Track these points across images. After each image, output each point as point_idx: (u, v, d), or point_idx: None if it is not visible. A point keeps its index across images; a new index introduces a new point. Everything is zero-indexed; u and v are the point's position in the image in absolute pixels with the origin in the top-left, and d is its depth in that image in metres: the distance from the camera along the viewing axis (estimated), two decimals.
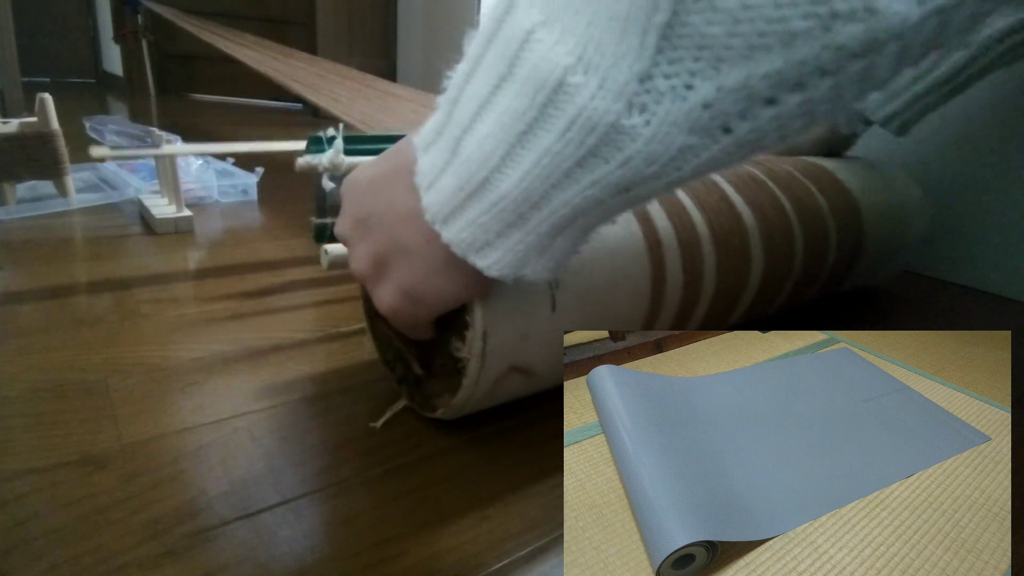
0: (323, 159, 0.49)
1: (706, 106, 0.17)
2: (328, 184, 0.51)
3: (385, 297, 0.28)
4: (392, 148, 0.27)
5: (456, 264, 0.24)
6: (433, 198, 0.23)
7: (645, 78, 0.17)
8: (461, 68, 0.22)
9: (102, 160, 0.67)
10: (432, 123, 0.24)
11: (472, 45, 0.22)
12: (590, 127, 0.18)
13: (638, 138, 0.18)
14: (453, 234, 0.23)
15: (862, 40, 0.15)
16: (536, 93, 0.19)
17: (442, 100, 0.23)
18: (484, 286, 0.27)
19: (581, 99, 0.18)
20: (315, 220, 0.51)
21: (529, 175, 0.20)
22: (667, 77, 0.17)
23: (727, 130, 0.18)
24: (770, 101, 0.17)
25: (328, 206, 0.52)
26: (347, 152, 0.49)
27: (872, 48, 0.15)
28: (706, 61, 0.16)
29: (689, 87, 0.17)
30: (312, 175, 0.51)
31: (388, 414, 0.35)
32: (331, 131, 0.51)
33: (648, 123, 0.17)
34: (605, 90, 0.17)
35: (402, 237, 0.25)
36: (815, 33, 0.15)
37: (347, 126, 0.64)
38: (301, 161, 0.50)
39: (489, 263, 0.23)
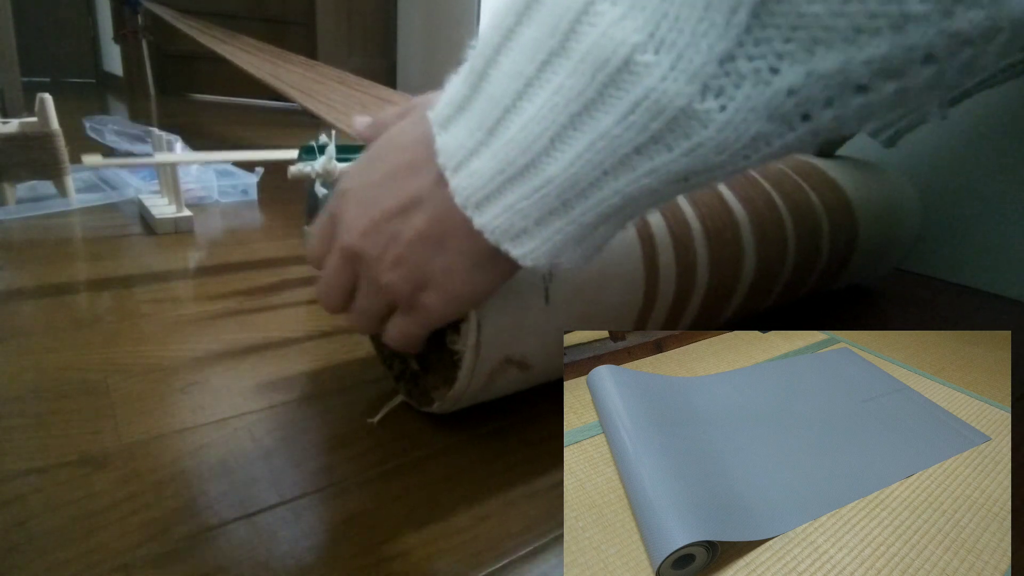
0: (315, 165, 0.49)
1: (791, 92, 0.15)
2: (321, 190, 0.51)
3: (429, 302, 0.25)
4: (385, 139, 0.25)
5: (495, 255, 0.23)
6: (464, 181, 0.21)
7: (726, 59, 0.15)
8: (488, 38, 0.20)
9: (97, 166, 0.67)
10: (451, 97, 0.22)
11: (500, 13, 0.20)
12: (657, 111, 0.17)
13: (710, 124, 0.16)
14: (487, 220, 0.21)
15: (981, 27, 0.14)
16: (596, 72, 0.17)
17: (463, 71, 0.21)
18: (512, 275, 0.25)
19: (650, 80, 0.16)
20: (308, 228, 0.51)
21: (579, 160, 0.19)
22: (751, 59, 0.15)
23: (807, 117, 0.16)
24: (862, 88, 0.15)
25: (321, 211, 0.52)
26: (340, 159, 0.50)
27: (987, 36, 0.14)
28: (799, 43, 0.15)
29: (775, 71, 0.15)
30: (304, 183, 0.51)
31: (385, 410, 0.35)
32: (323, 138, 0.52)
33: (723, 108, 0.16)
34: (679, 71, 0.16)
35: (435, 231, 0.23)
36: (933, 18, 0.14)
37: (340, 133, 0.64)
38: (293, 169, 0.50)
39: (524, 252, 0.22)
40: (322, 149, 0.51)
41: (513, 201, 0.20)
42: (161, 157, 0.63)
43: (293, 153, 0.60)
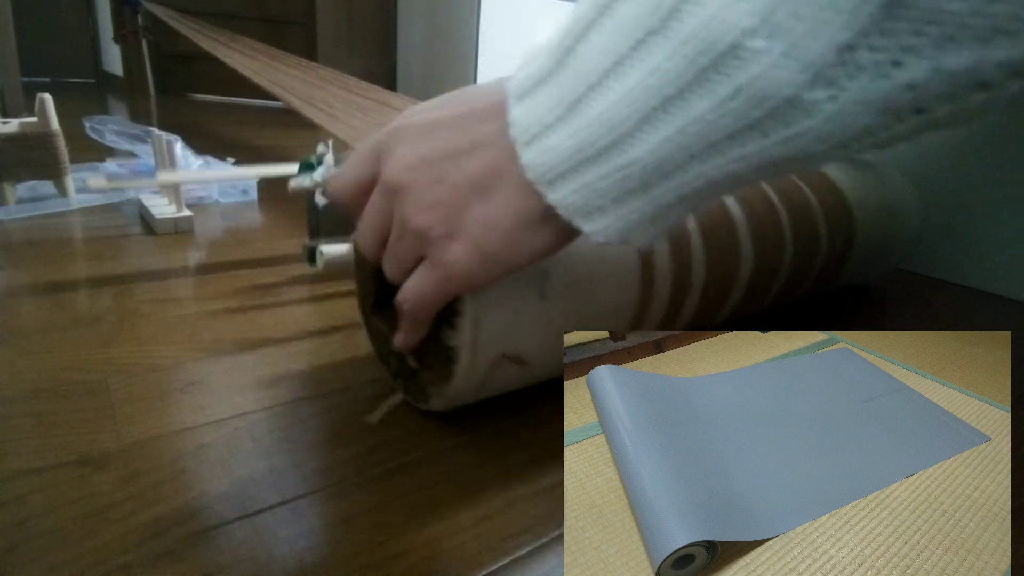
0: (315, 175, 0.51)
1: (911, 87, 0.15)
2: (321, 200, 0.52)
3: (455, 256, 0.24)
4: (452, 94, 0.25)
5: (551, 220, 0.22)
6: (538, 157, 0.21)
7: (846, 49, 0.15)
8: (580, 13, 0.19)
9: (103, 190, 0.68)
10: (531, 70, 0.21)
11: None
12: (760, 98, 0.16)
13: (815, 115, 0.16)
14: (561, 196, 0.21)
15: None
16: (698, 55, 0.16)
17: (548, 45, 0.20)
18: (566, 244, 0.24)
19: (758, 67, 0.16)
20: (307, 243, 0.52)
21: (668, 143, 0.18)
22: (873, 51, 0.14)
23: (920, 111, 0.15)
24: (986, 86, 0.14)
25: (322, 223, 0.53)
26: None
27: None
28: (929, 38, 0.14)
29: (897, 64, 0.14)
30: (305, 197, 0.53)
31: (384, 408, 0.35)
32: (321, 147, 0.52)
33: (834, 99, 0.15)
34: (791, 59, 0.15)
35: (486, 179, 0.22)
36: None
37: (338, 142, 0.65)
38: (293, 183, 0.51)
39: (596, 228, 0.21)
40: (320, 160, 0.52)
41: (591, 180, 0.20)
42: (164, 176, 0.64)
43: (293, 167, 0.62)
